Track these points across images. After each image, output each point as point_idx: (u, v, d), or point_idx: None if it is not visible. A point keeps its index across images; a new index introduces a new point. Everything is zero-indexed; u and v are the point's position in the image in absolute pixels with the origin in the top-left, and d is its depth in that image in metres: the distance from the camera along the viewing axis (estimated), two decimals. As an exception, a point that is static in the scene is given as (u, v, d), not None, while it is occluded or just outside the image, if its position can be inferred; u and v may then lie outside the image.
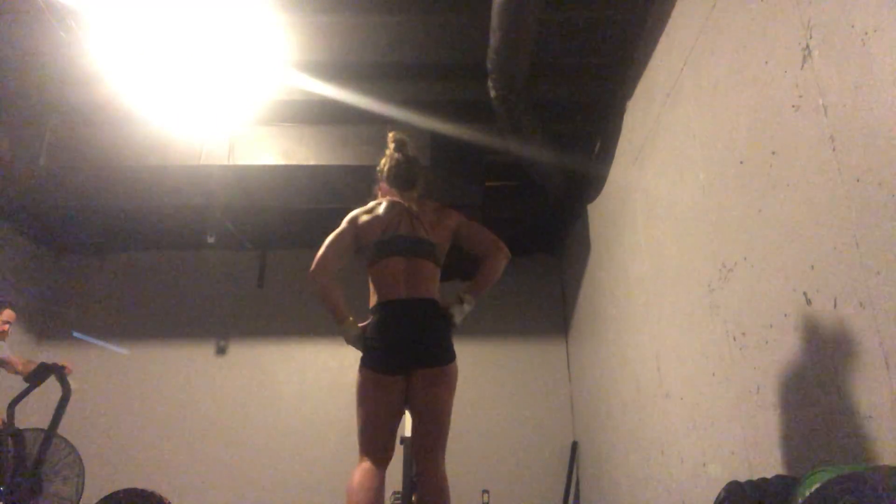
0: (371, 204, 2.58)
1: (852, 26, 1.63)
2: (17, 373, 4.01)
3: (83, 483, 4.17)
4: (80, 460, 4.20)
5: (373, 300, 2.45)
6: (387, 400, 2.33)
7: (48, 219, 5.68)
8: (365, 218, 2.49)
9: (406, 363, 2.34)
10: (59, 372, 3.96)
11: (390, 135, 2.66)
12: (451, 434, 2.37)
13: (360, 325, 2.44)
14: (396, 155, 2.60)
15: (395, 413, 2.36)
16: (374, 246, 2.44)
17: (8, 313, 4.12)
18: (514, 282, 6.35)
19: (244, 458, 5.67)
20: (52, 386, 4.04)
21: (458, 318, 2.46)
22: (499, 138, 4.09)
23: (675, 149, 2.98)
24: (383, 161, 2.63)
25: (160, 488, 4.33)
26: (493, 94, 3.57)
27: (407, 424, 4.68)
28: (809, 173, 1.82)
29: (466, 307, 2.48)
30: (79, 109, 4.23)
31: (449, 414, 2.36)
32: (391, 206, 2.54)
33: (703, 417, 2.64)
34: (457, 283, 6.33)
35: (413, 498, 4.24)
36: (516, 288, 6.32)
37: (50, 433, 3.90)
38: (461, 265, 6.16)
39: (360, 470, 2.26)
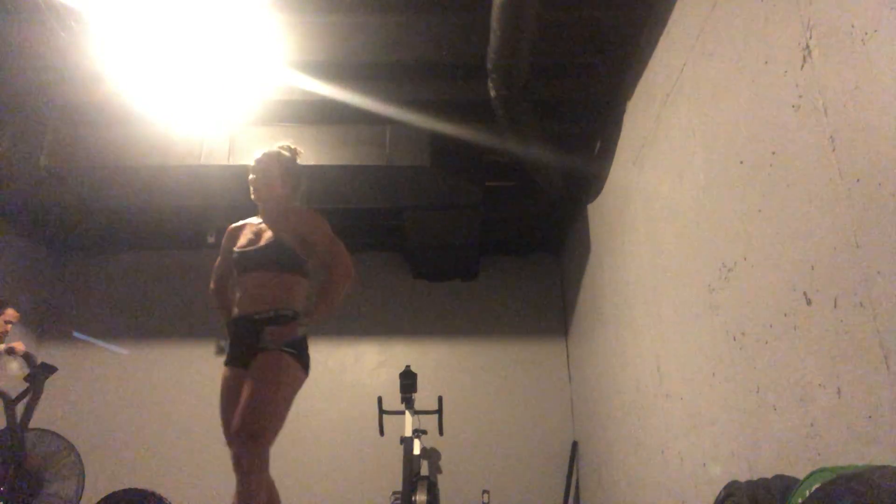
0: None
1: (852, 26, 1.63)
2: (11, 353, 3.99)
3: (83, 483, 4.18)
4: (80, 460, 4.21)
5: (299, 306, 2.76)
6: None
7: (48, 219, 5.67)
8: None
9: None
10: (32, 366, 3.94)
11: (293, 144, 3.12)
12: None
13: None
14: None
15: None
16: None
17: (11, 313, 4.12)
18: (514, 282, 6.36)
19: (244, 458, 5.66)
20: (52, 386, 4.05)
21: None
22: (499, 138, 4.09)
23: (675, 149, 2.98)
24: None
25: (160, 488, 4.34)
26: (493, 94, 3.57)
27: (406, 424, 4.71)
28: (809, 173, 1.82)
29: None
30: (79, 109, 4.23)
31: None
32: None
33: (703, 417, 2.64)
34: (453, 284, 6.35)
35: (413, 498, 4.25)
36: (516, 288, 6.32)
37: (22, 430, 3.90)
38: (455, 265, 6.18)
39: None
